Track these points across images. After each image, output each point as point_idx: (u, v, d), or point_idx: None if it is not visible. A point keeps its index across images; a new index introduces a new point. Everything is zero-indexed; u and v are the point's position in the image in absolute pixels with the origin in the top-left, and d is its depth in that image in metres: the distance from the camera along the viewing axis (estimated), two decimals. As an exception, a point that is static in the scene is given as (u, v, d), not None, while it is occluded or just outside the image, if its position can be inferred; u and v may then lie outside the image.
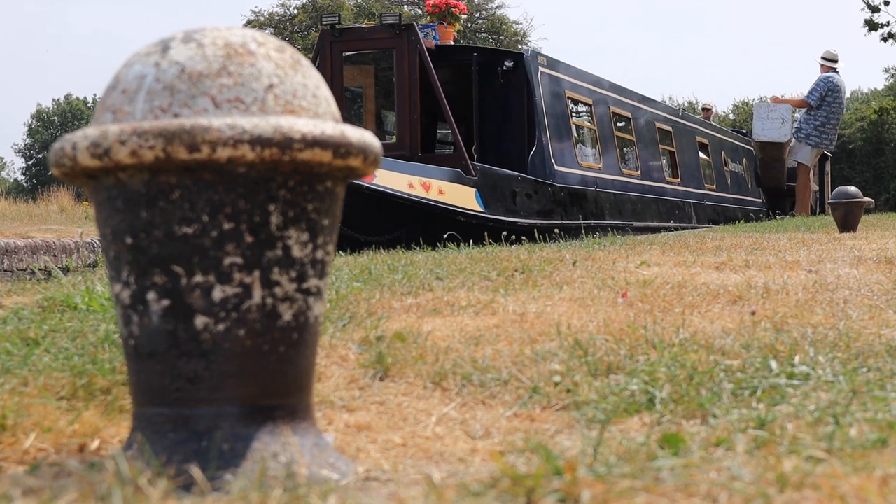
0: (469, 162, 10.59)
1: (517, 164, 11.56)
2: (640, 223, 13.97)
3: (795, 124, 15.51)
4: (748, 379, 2.20)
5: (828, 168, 20.31)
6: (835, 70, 14.62)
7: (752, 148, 21.54)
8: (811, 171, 15.30)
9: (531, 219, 11.22)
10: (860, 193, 8.40)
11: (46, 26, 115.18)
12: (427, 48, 11.17)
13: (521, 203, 11.26)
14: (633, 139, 15.07)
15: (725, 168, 19.79)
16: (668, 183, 16.08)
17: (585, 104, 13.66)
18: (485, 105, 11.86)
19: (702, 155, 18.43)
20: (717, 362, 2.35)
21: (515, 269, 4.15)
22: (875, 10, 26.06)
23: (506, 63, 11.73)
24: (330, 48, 11.31)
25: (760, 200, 21.70)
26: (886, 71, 45.18)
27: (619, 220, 13.38)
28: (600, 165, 13.49)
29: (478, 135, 11.89)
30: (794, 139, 15.15)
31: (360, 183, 9.09)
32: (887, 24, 26.14)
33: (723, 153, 19.81)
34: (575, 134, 13.08)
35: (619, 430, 1.94)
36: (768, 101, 16.79)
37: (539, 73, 11.92)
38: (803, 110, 15.03)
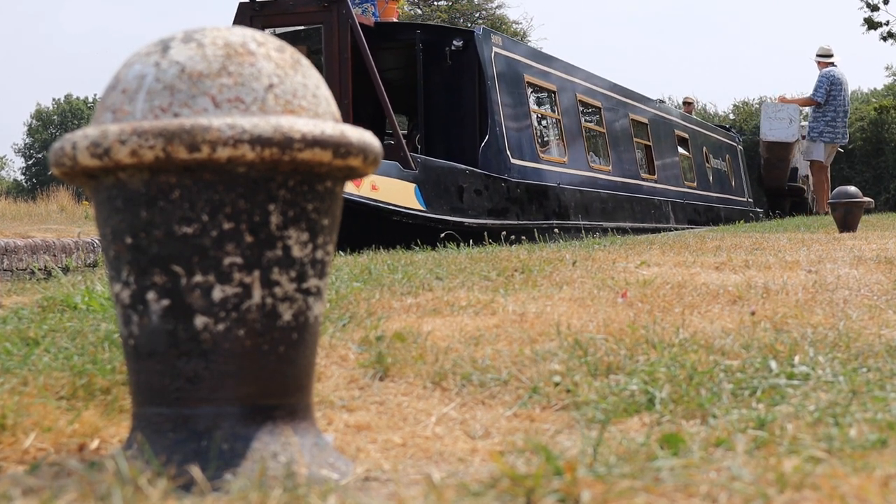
0: (408, 153, 9.37)
1: (468, 156, 10.25)
2: (611, 224, 12.56)
3: (805, 124, 15.41)
4: (748, 379, 2.20)
5: (827, 167, 20.18)
6: (832, 64, 14.62)
7: (735, 143, 21.21)
8: (827, 170, 15.12)
9: (481, 218, 9.98)
10: (860, 193, 8.40)
11: (42, 26, 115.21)
12: (366, 25, 9.87)
13: (470, 201, 9.94)
14: (604, 131, 13.66)
15: (707, 165, 18.52)
16: (643, 180, 14.73)
17: (548, 91, 12.28)
18: (431, 90, 10.47)
19: (681, 150, 17.10)
20: (716, 362, 2.35)
21: (515, 269, 4.15)
22: (874, 8, 26.06)
23: (454, 42, 10.39)
24: (249, 24, 9.58)
25: (746, 199, 20.73)
26: (888, 69, 45.12)
27: (586, 221, 11.99)
28: (565, 159, 12.19)
29: (423, 123, 10.54)
30: (806, 139, 15.02)
31: None
32: (887, 23, 26.16)
33: (704, 149, 18.51)
34: (535, 124, 11.77)
35: (618, 430, 1.94)
36: (775, 101, 16.71)
37: (493, 55, 10.63)
38: (810, 110, 14.95)
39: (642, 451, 1.65)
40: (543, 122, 12.61)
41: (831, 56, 14.62)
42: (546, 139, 12.49)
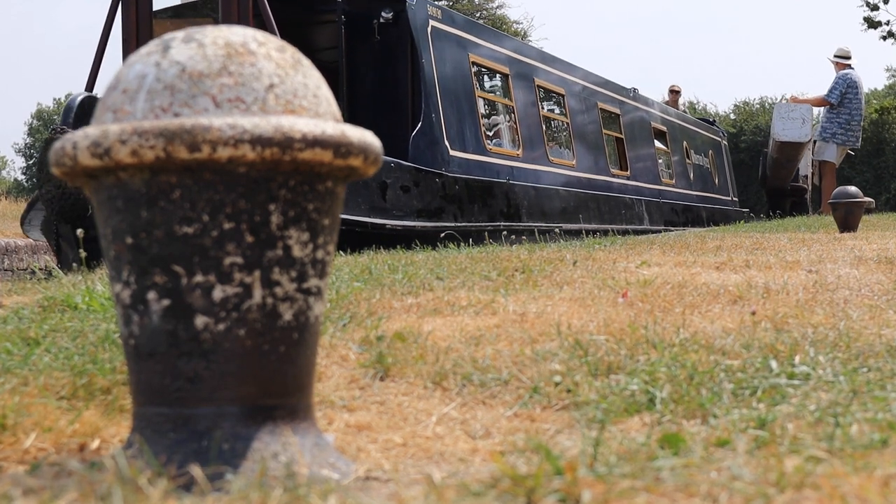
0: None
1: (397, 146, 8.61)
2: (573, 225, 11.09)
3: (818, 125, 15.31)
4: (748, 379, 2.20)
5: (828, 167, 20.03)
6: (849, 66, 14.55)
7: (719, 138, 20.81)
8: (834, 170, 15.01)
9: (409, 220, 8.49)
10: (860, 193, 8.38)
11: (37, 25, 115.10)
12: None
13: (395, 199, 8.41)
14: (567, 121, 12.18)
15: (687, 161, 17.16)
16: (612, 176, 13.25)
17: (500, 73, 10.76)
18: (355, 69, 9.21)
19: (658, 144, 15.62)
20: (717, 362, 2.35)
21: (516, 269, 4.15)
22: (874, 7, 26.09)
23: (383, 14, 9.04)
24: None
25: (731, 199, 19.86)
26: (888, 70, 45.18)
27: (542, 222, 10.46)
28: (518, 152, 10.66)
29: (346, 108, 9.11)
30: (818, 140, 14.93)
31: None
32: (887, 22, 26.18)
33: (684, 143, 17.13)
34: (482, 110, 10.21)
35: (619, 430, 1.94)
36: (787, 101, 16.58)
37: (430, 29, 9.24)
38: (823, 110, 14.86)
39: (643, 451, 1.65)
40: (492, 109, 11.11)
41: (849, 58, 14.52)
42: (495, 128, 10.97)
